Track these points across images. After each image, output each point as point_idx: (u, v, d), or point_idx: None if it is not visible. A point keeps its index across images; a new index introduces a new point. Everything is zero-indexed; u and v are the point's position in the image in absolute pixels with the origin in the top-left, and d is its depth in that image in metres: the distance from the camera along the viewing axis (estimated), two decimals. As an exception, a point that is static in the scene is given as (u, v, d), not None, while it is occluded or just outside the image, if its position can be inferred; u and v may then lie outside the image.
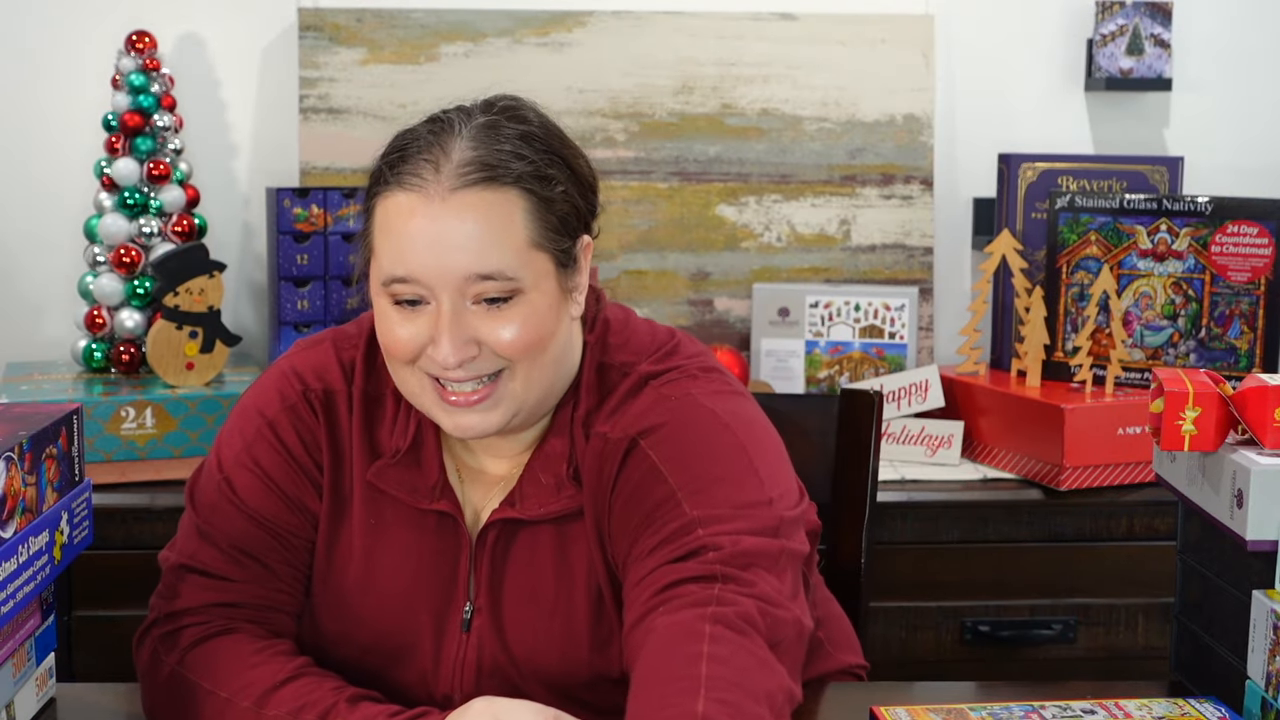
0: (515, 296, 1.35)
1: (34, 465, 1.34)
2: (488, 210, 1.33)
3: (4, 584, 1.27)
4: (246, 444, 1.45)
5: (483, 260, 1.32)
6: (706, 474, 1.37)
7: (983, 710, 1.37)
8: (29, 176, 2.67)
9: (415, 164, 1.35)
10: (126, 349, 2.41)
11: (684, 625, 1.26)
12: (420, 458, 1.44)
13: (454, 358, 1.33)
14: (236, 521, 1.44)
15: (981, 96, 2.85)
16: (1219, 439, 1.39)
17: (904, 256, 2.77)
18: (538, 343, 1.36)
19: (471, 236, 1.32)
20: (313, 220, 2.47)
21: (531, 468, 1.42)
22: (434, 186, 1.33)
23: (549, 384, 1.40)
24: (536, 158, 1.36)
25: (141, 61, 2.47)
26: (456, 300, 1.33)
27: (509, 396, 1.37)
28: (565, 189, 1.38)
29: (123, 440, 2.26)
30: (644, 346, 1.46)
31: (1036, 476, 2.34)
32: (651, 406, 1.40)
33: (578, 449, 1.42)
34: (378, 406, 1.46)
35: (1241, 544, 1.33)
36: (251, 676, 1.35)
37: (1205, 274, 2.40)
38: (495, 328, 1.34)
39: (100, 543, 2.23)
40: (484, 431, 1.38)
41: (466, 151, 1.35)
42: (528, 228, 1.35)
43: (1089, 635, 2.34)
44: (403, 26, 2.69)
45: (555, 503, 1.40)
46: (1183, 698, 1.42)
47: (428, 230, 1.32)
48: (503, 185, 1.34)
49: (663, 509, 1.35)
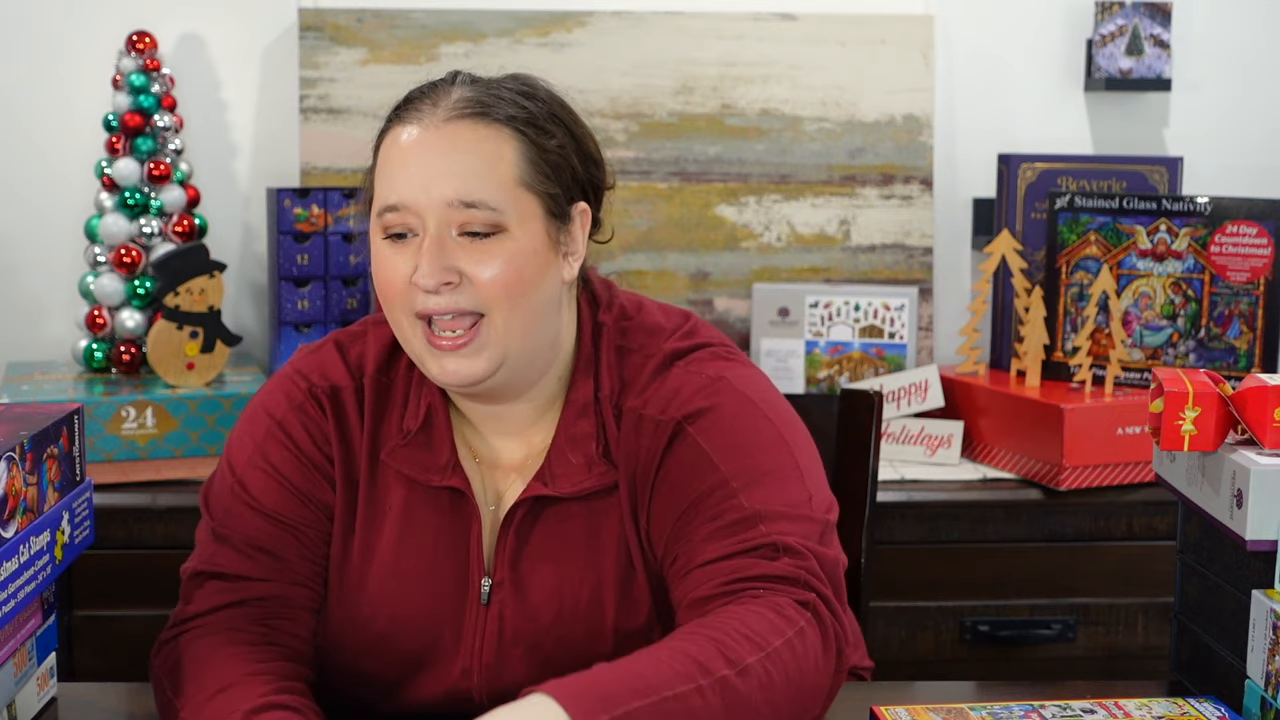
0: (498, 233, 1.38)
1: (35, 465, 1.34)
2: (478, 142, 1.38)
3: (5, 584, 1.27)
4: (257, 444, 1.47)
5: (467, 188, 1.36)
6: (756, 467, 1.39)
7: (983, 710, 1.37)
8: (29, 176, 2.67)
9: (416, 103, 1.42)
10: (127, 349, 2.41)
11: (776, 607, 1.30)
12: (431, 438, 1.45)
13: (432, 280, 1.36)
14: (252, 520, 1.45)
15: (981, 96, 2.86)
16: (1219, 439, 1.40)
17: (904, 256, 2.77)
18: (517, 284, 1.38)
19: (459, 164, 1.37)
20: (313, 220, 2.48)
21: (560, 449, 1.44)
22: (429, 118, 1.39)
23: (533, 338, 1.42)
24: (534, 109, 1.42)
25: (142, 62, 2.47)
26: (441, 228, 1.37)
27: (491, 343, 1.39)
28: (561, 144, 1.42)
29: (123, 440, 2.26)
30: (662, 326, 1.50)
31: (1036, 476, 2.34)
32: (694, 389, 1.43)
33: (608, 429, 1.44)
34: (389, 394, 1.48)
35: (1241, 544, 1.33)
36: (218, 703, 1.31)
37: (1205, 274, 2.40)
38: (476, 262, 1.37)
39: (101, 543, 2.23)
40: (470, 378, 1.39)
41: (465, 92, 1.41)
42: (517, 166, 1.39)
43: (1089, 635, 2.34)
44: (403, 26, 2.69)
45: (588, 480, 1.42)
46: (1182, 697, 1.42)
47: (418, 156, 1.38)
48: (495, 121, 1.39)
49: (716, 496, 1.38)
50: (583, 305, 1.51)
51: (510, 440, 1.48)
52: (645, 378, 1.45)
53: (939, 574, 2.33)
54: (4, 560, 1.27)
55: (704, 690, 1.21)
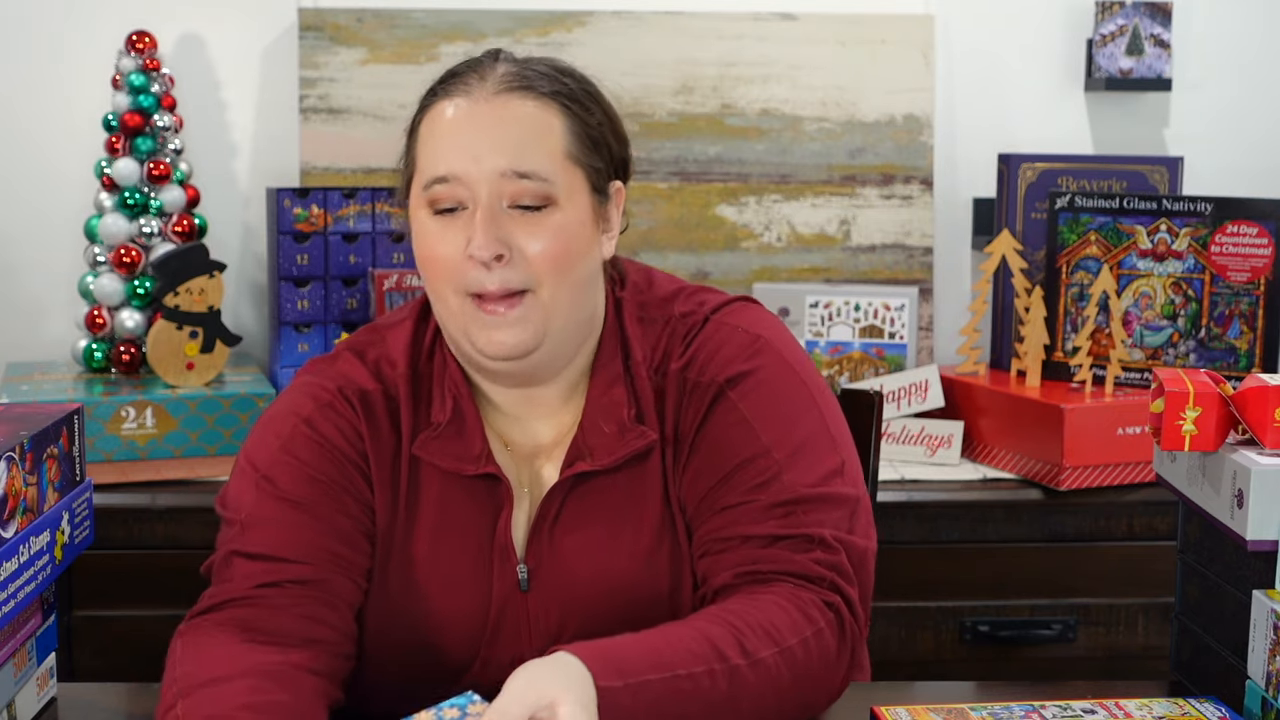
0: (549, 206, 1.39)
1: (35, 465, 1.34)
2: (527, 114, 1.40)
3: (5, 584, 1.27)
4: (283, 444, 1.43)
5: (520, 158, 1.37)
6: (795, 436, 1.42)
7: (983, 710, 1.37)
8: (29, 176, 2.67)
9: (462, 77, 1.43)
10: (127, 349, 2.41)
11: (800, 605, 1.35)
12: (463, 429, 1.45)
13: (487, 251, 1.36)
14: (281, 510, 1.40)
15: (981, 96, 2.86)
16: (1219, 439, 1.39)
17: (904, 256, 2.77)
18: (566, 258, 1.39)
19: (511, 135, 1.38)
20: (313, 220, 2.48)
21: (593, 420, 1.44)
22: (478, 91, 1.40)
23: (575, 313, 1.43)
24: (574, 86, 1.44)
25: (142, 61, 2.47)
26: (493, 200, 1.37)
27: (537, 316, 1.39)
28: (600, 121, 1.44)
29: (123, 440, 2.26)
30: (676, 291, 1.52)
31: (1036, 476, 2.34)
32: (736, 349, 1.45)
33: (641, 396, 1.45)
34: (419, 390, 1.47)
35: (1241, 544, 1.33)
36: (214, 691, 1.28)
37: (1205, 274, 2.40)
38: (527, 235, 1.38)
39: (100, 543, 2.23)
40: (516, 349, 1.39)
41: (509, 67, 1.43)
42: (565, 139, 1.40)
43: (1089, 635, 2.34)
44: (403, 26, 2.69)
45: (623, 448, 1.43)
46: (1183, 697, 1.42)
47: (469, 128, 1.39)
48: (542, 95, 1.41)
49: (756, 468, 1.41)
50: (605, 284, 1.51)
51: (541, 424, 1.48)
52: (681, 341, 1.47)
53: (939, 574, 2.33)
54: (4, 560, 1.27)
55: (715, 675, 1.26)
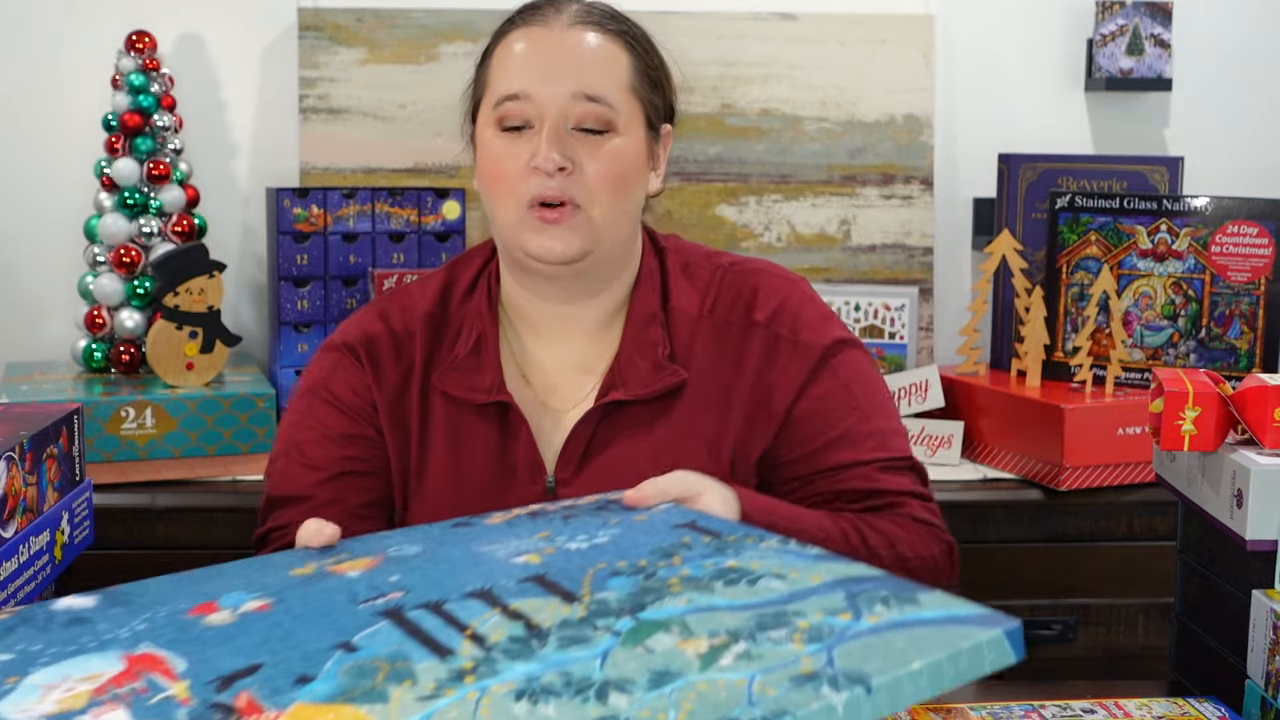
0: (610, 132, 1.52)
1: (35, 465, 1.34)
2: (598, 46, 1.53)
3: (4, 584, 1.27)
4: (304, 412, 1.60)
5: (589, 83, 1.50)
6: (889, 410, 1.61)
7: (983, 710, 1.37)
8: (29, 176, 2.67)
9: (539, 10, 1.56)
10: (126, 349, 2.41)
11: (922, 534, 1.55)
12: (480, 362, 1.57)
13: (552, 162, 1.48)
14: (310, 475, 1.57)
15: (981, 96, 2.86)
16: (1219, 439, 1.39)
17: (904, 256, 2.77)
18: (620, 181, 1.52)
19: (582, 61, 1.52)
20: (313, 220, 2.47)
21: (629, 355, 1.56)
22: (554, 22, 1.54)
23: (620, 235, 1.55)
24: (637, 31, 1.59)
25: (141, 61, 2.47)
26: (560, 120, 1.50)
27: (588, 227, 1.51)
28: (659, 64, 1.59)
29: (123, 440, 2.26)
30: (710, 250, 1.66)
31: (1036, 476, 2.34)
32: (819, 318, 1.59)
33: (675, 338, 1.57)
34: (444, 328, 1.60)
35: (1241, 544, 1.33)
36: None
37: (1205, 274, 2.40)
38: (589, 155, 1.50)
39: (100, 543, 2.23)
40: (564, 255, 1.51)
41: (580, 6, 1.57)
42: (629, 73, 1.54)
43: (1089, 635, 2.34)
44: (403, 26, 2.69)
45: (657, 382, 1.54)
46: (1182, 697, 1.42)
47: (544, 51, 1.52)
48: (610, 32, 1.55)
49: (863, 432, 1.57)
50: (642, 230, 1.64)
51: (571, 348, 1.59)
52: (739, 289, 1.59)
53: (939, 574, 2.33)
54: (3, 560, 1.27)
55: (834, 544, 1.38)
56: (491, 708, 0.90)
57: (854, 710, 0.88)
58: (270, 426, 2.33)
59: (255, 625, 1.05)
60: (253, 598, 1.11)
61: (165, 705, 0.94)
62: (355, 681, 0.95)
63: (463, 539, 1.22)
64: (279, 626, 1.05)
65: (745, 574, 1.07)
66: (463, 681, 0.93)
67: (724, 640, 0.95)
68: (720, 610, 1.00)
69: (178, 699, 0.95)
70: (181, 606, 1.11)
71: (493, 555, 1.16)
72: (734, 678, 0.91)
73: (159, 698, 0.95)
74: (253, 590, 1.13)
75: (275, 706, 0.92)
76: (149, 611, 1.10)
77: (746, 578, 1.06)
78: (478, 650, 0.97)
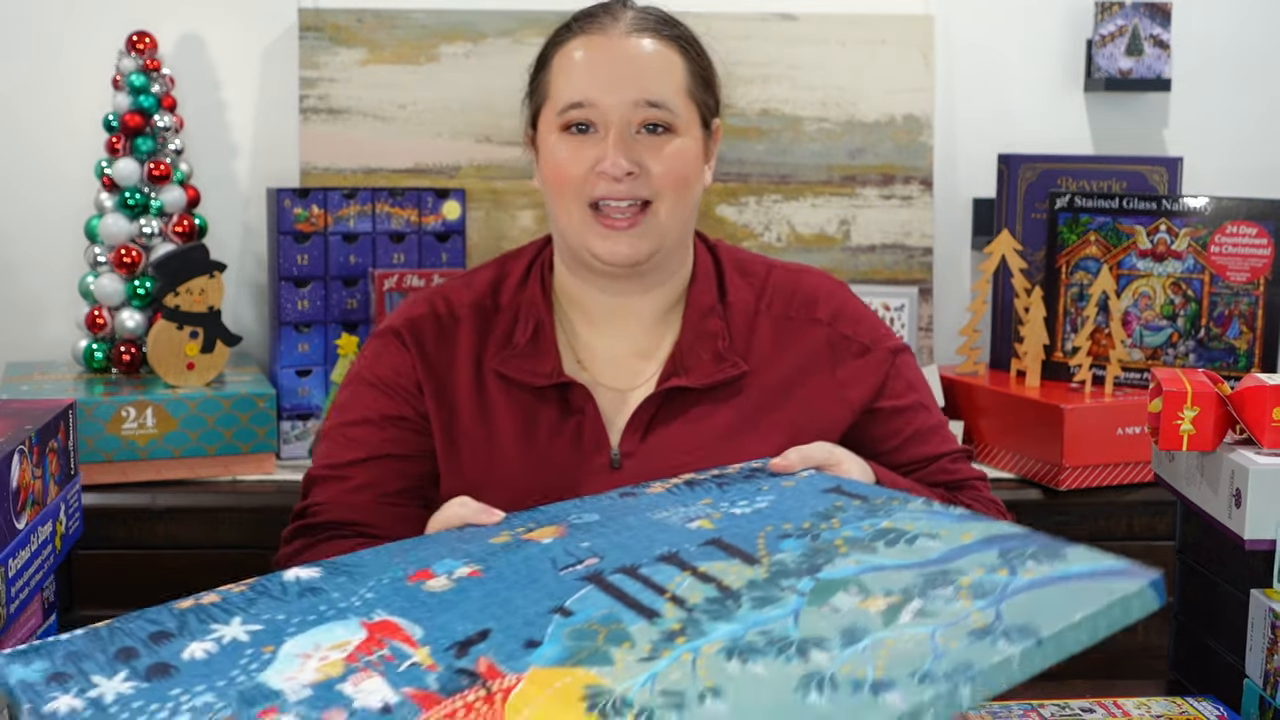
0: (671, 131, 1.58)
1: (40, 459, 1.35)
2: (656, 53, 1.60)
3: (20, 572, 1.29)
4: (351, 397, 1.65)
5: (651, 89, 1.57)
6: (935, 403, 1.72)
7: (982, 710, 1.38)
8: (29, 177, 2.67)
9: (595, 18, 1.62)
10: (127, 349, 2.42)
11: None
12: (539, 349, 1.62)
13: (620, 168, 1.54)
14: (349, 454, 1.62)
15: (981, 96, 2.86)
16: (1217, 439, 1.40)
17: (904, 257, 2.78)
18: (683, 179, 1.59)
19: (642, 68, 1.58)
20: (313, 220, 2.48)
21: (690, 345, 1.63)
22: (612, 30, 1.60)
23: (682, 228, 1.62)
24: (688, 34, 1.66)
25: (142, 62, 2.47)
26: (624, 126, 1.56)
27: (654, 228, 1.58)
28: (708, 64, 1.66)
29: (123, 440, 2.26)
30: (753, 254, 1.74)
31: (1036, 476, 2.34)
32: (877, 322, 1.69)
33: (734, 332, 1.63)
34: (495, 316, 1.65)
35: (1240, 543, 1.34)
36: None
37: (1204, 274, 2.40)
38: (653, 154, 1.57)
39: (100, 543, 2.24)
40: (631, 258, 1.58)
41: (636, 12, 1.63)
42: (685, 78, 1.61)
43: (1088, 635, 2.34)
44: (403, 27, 2.69)
45: (719, 373, 1.61)
46: (1181, 696, 1.42)
47: (606, 61, 1.58)
48: (666, 38, 1.61)
49: (930, 428, 1.68)
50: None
51: (626, 338, 1.65)
52: (787, 289, 1.67)
53: (939, 574, 2.33)
54: (19, 550, 1.28)
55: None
56: (706, 667, 0.98)
57: (1027, 661, 0.96)
58: (270, 426, 2.33)
59: (472, 591, 1.14)
60: (463, 564, 1.20)
61: (414, 671, 1.02)
62: (579, 644, 1.03)
63: (635, 507, 1.32)
64: (495, 593, 1.13)
65: (902, 534, 1.15)
66: (674, 642, 1.02)
67: (899, 599, 1.03)
68: (888, 570, 1.09)
69: (423, 665, 1.03)
70: (400, 574, 1.19)
71: (667, 521, 1.25)
72: (917, 633, 0.98)
73: (406, 664, 1.03)
74: (460, 557, 1.22)
75: (513, 670, 1.01)
76: (372, 579, 1.18)
77: (904, 538, 1.15)
78: (680, 611, 1.06)
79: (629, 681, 0.98)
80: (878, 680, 0.94)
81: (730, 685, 0.96)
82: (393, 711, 0.98)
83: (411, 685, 1.01)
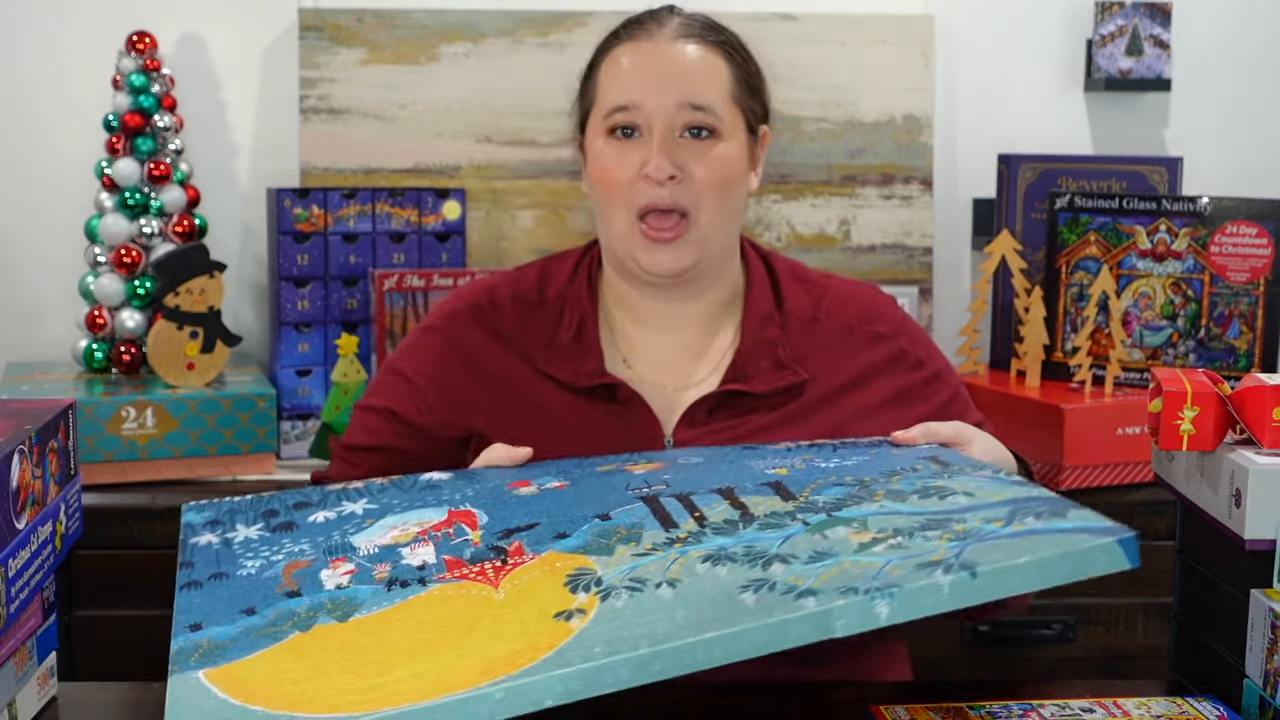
0: (715, 136, 1.60)
1: (40, 459, 1.35)
2: (701, 58, 1.62)
3: (20, 573, 1.29)
4: (380, 382, 1.70)
5: (696, 93, 1.59)
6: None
7: (982, 710, 1.38)
8: (29, 177, 2.67)
9: (642, 24, 1.65)
10: (127, 349, 2.42)
11: None
12: (583, 348, 1.64)
13: (663, 171, 1.56)
14: (362, 438, 1.68)
15: (981, 96, 2.86)
16: (1217, 439, 1.40)
17: (904, 257, 2.78)
18: (725, 184, 1.60)
19: (687, 72, 1.61)
20: (313, 220, 2.48)
21: (749, 351, 1.64)
22: (658, 36, 1.63)
23: (726, 234, 1.64)
24: (734, 40, 1.68)
25: (142, 62, 2.47)
26: (668, 129, 1.59)
27: (696, 238, 1.60)
28: (755, 70, 1.68)
29: (123, 440, 2.26)
30: (804, 266, 1.75)
31: (1036, 476, 2.34)
32: (924, 335, 1.72)
33: (793, 340, 1.65)
34: (538, 311, 1.67)
35: (1240, 543, 1.34)
36: None
37: (1204, 274, 2.40)
38: (696, 160, 1.59)
39: (100, 543, 2.24)
40: (674, 269, 1.60)
41: (683, 18, 1.66)
42: (730, 83, 1.63)
43: (1089, 635, 2.34)
44: (403, 27, 2.69)
45: (779, 380, 1.63)
46: (1181, 697, 1.42)
47: (652, 65, 1.61)
48: (711, 44, 1.64)
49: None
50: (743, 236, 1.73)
51: (673, 339, 1.67)
52: (844, 300, 1.69)
53: (939, 574, 2.33)
54: (19, 550, 1.28)
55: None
56: (681, 566, 1.09)
57: (958, 591, 1.00)
58: (270, 426, 2.34)
59: (549, 498, 1.30)
60: (556, 479, 1.37)
61: (460, 545, 1.21)
62: (596, 540, 1.17)
63: (743, 455, 1.41)
64: (564, 501, 1.29)
65: (941, 491, 1.20)
66: (672, 546, 1.13)
67: (887, 535, 1.09)
68: (902, 514, 1.14)
69: (471, 542, 1.21)
70: (505, 482, 1.37)
71: (752, 466, 1.34)
72: (874, 560, 1.05)
73: (459, 540, 1.22)
74: (558, 475, 1.38)
75: (534, 552, 1.17)
76: (482, 484, 1.37)
77: (939, 493, 1.20)
78: (696, 527, 1.17)
79: (615, 569, 1.10)
80: (808, 589, 1.02)
81: (688, 579, 1.07)
82: (425, 569, 1.16)
83: (451, 554, 1.19)
